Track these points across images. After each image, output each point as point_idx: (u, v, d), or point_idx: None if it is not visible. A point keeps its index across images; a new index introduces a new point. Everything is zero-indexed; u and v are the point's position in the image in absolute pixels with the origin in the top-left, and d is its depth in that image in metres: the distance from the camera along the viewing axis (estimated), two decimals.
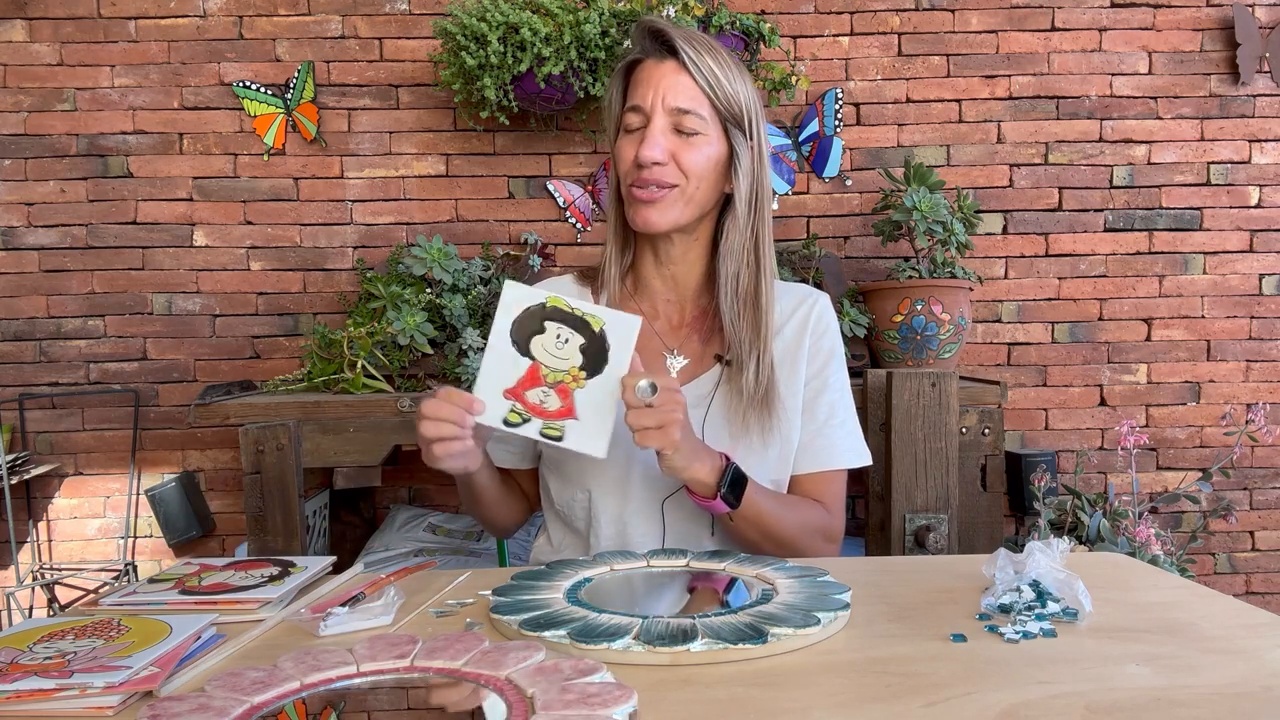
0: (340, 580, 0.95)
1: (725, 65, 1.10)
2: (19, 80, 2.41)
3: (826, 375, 1.20)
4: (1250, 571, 2.57)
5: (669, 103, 1.08)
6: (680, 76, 1.08)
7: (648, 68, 1.10)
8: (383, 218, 2.47)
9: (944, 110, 2.51)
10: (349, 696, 0.63)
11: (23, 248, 2.43)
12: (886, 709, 0.61)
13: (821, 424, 1.19)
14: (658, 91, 1.08)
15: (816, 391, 1.20)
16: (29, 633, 0.74)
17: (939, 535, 1.82)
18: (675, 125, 1.09)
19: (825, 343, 1.22)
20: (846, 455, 1.19)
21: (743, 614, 0.76)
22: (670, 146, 1.08)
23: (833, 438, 1.19)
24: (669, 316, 1.22)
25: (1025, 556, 0.86)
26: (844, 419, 1.20)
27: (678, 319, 1.22)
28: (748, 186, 1.13)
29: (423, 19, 2.44)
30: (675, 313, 1.22)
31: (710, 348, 1.19)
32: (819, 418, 1.19)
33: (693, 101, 1.08)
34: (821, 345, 1.21)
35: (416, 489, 2.53)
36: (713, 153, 1.11)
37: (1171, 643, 0.74)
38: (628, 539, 1.15)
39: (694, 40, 1.09)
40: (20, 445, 2.44)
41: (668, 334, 1.21)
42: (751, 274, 1.15)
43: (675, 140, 1.09)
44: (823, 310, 1.23)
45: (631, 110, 1.11)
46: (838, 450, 1.19)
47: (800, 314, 1.21)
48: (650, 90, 1.09)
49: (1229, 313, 2.54)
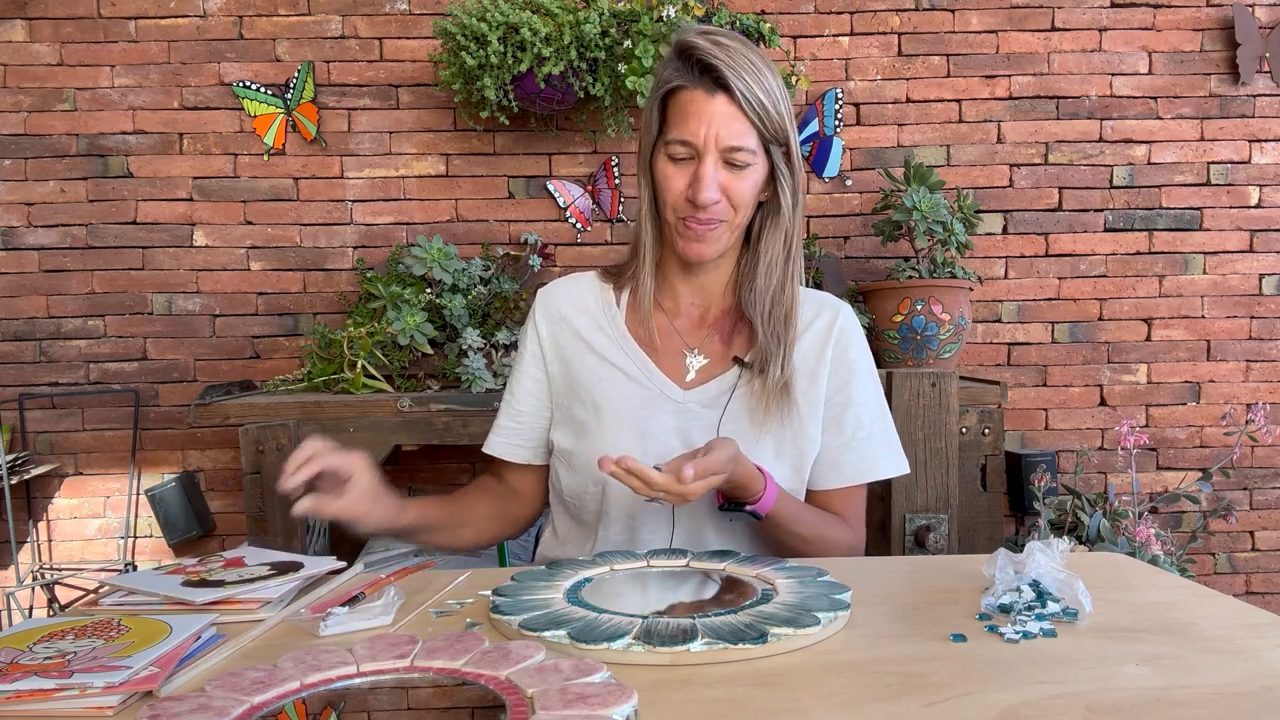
0: (340, 580, 0.95)
1: (768, 85, 1.07)
2: (19, 80, 2.41)
3: (851, 389, 1.19)
4: (1250, 571, 2.57)
5: (722, 142, 1.06)
6: (732, 114, 1.05)
7: (696, 100, 1.06)
8: (383, 218, 2.47)
9: (944, 110, 2.51)
10: (349, 696, 0.63)
11: (23, 248, 2.43)
12: (886, 709, 0.61)
13: (849, 438, 1.18)
14: (710, 129, 1.05)
15: (841, 406, 1.18)
16: (29, 633, 0.74)
17: (939, 535, 1.82)
18: (726, 160, 1.07)
19: (850, 356, 1.20)
20: (878, 467, 1.19)
21: (743, 614, 0.76)
22: (722, 181, 1.08)
23: (861, 451, 1.18)
24: (691, 315, 1.22)
25: (1025, 556, 0.86)
26: (871, 432, 1.19)
27: (700, 318, 1.22)
28: (788, 198, 1.13)
29: (423, 19, 2.44)
30: (698, 312, 1.22)
31: (731, 349, 1.19)
32: (846, 432, 1.18)
33: (744, 138, 1.07)
34: (846, 359, 1.20)
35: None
36: (758, 178, 1.10)
37: (1171, 643, 0.74)
38: (636, 536, 1.15)
39: (740, 68, 1.05)
40: (20, 445, 2.44)
41: (689, 332, 1.21)
42: (784, 280, 1.15)
43: (725, 174, 1.08)
44: (845, 322, 1.22)
45: (679, 143, 1.08)
46: (868, 465, 1.18)
47: (821, 324, 1.20)
48: (702, 127, 1.06)
49: (1229, 313, 2.54)
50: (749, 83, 1.05)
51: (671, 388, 1.17)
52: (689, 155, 1.08)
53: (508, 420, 1.26)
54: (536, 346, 1.24)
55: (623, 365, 1.19)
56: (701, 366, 1.18)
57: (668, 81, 1.08)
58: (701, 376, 1.17)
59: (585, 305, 1.24)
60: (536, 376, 1.25)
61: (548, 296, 1.26)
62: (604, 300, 1.24)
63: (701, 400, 1.16)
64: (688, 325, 1.21)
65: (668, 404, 1.16)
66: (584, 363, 1.20)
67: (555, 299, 1.25)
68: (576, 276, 1.29)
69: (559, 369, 1.22)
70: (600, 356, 1.20)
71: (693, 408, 1.16)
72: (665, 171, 1.10)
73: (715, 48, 1.05)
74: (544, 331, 1.24)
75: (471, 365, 2.03)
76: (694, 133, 1.06)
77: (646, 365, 1.18)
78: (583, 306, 1.24)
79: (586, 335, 1.21)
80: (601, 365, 1.19)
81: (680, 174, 1.09)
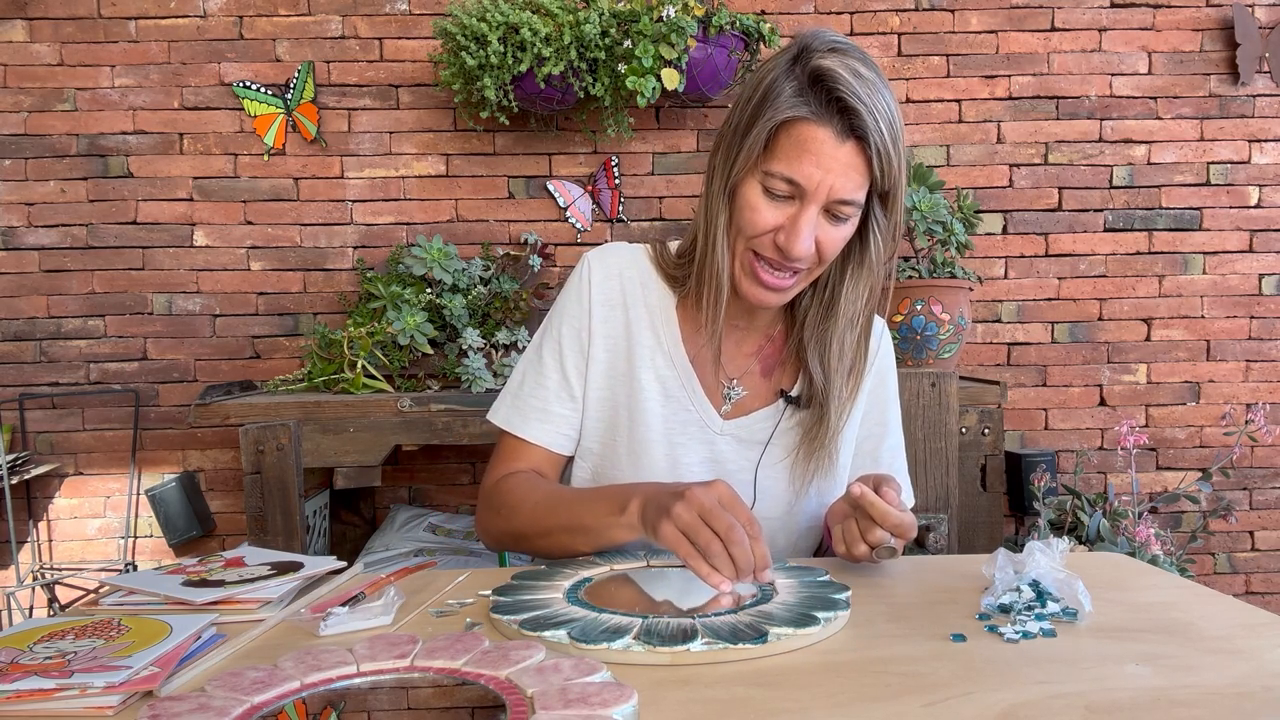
0: (340, 580, 0.95)
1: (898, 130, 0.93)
2: (19, 80, 2.41)
3: (888, 420, 1.13)
4: (1250, 571, 2.57)
5: (835, 194, 0.92)
6: (856, 166, 0.92)
7: (820, 141, 0.90)
8: (383, 218, 2.47)
9: (944, 110, 2.51)
10: (349, 696, 0.63)
11: (23, 248, 2.43)
12: (886, 709, 0.61)
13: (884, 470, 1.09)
14: (826, 178, 0.91)
15: (879, 438, 1.12)
16: (29, 633, 0.74)
17: (939, 535, 1.82)
18: (829, 211, 0.94)
19: (888, 383, 1.13)
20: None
21: (743, 614, 0.76)
22: (817, 234, 0.94)
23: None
24: (732, 343, 1.09)
25: (1025, 556, 0.86)
26: (901, 465, 1.14)
27: (741, 346, 1.10)
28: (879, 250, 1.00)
29: (423, 19, 2.44)
30: (740, 339, 1.10)
31: (772, 382, 1.09)
32: (882, 465, 1.11)
33: (858, 191, 0.93)
34: (886, 387, 1.13)
35: (416, 489, 2.53)
36: (851, 229, 0.97)
37: (1171, 643, 0.73)
38: None
39: (878, 111, 0.90)
40: (20, 445, 2.44)
41: (729, 362, 1.09)
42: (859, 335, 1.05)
43: (822, 224, 0.95)
44: (886, 346, 1.14)
45: (785, 180, 0.93)
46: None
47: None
48: (818, 173, 0.91)
49: (1229, 313, 2.54)
50: (884, 133, 0.91)
51: (712, 415, 1.07)
52: (790, 195, 0.94)
53: (558, 405, 1.08)
54: (585, 322, 1.08)
55: (666, 380, 1.06)
56: (740, 399, 1.08)
57: (790, 107, 0.91)
58: (739, 409, 1.08)
59: (644, 295, 1.09)
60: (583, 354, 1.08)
61: (606, 270, 1.09)
62: (662, 295, 1.09)
63: (738, 434, 1.07)
64: (728, 353, 1.09)
65: (705, 433, 1.07)
66: (629, 361, 1.07)
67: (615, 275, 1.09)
68: (633, 251, 1.12)
69: (603, 355, 1.08)
70: (646, 362, 1.07)
71: (729, 441, 1.07)
72: (754, 203, 0.95)
73: (856, 82, 0.89)
74: (597, 311, 1.08)
75: (471, 365, 2.03)
76: (807, 176, 0.91)
77: (693, 385, 1.07)
78: (642, 296, 1.09)
79: (637, 331, 1.07)
80: (645, 372, 1.06)
81: (774, 212, 0.94)
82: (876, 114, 0.90)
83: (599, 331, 1.07)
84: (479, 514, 1.13)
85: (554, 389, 1.08)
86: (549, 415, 1.08)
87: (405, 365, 2.12)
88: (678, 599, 0.83)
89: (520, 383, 1.11)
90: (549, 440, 1.08)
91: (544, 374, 1.09)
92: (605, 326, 1.07)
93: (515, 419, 1.09)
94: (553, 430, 1.08)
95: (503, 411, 1.11)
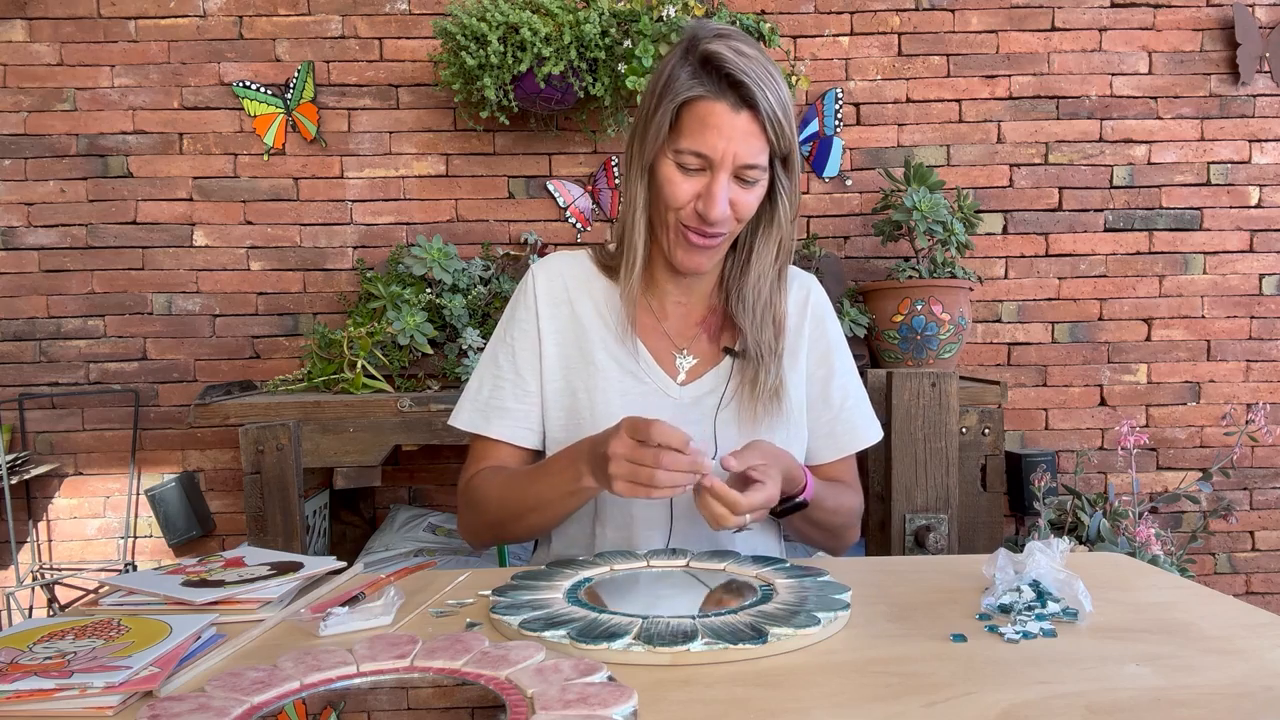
0: (340, 580, 0.95)
1: (784, 98, 1.04)
2: (19, 80, 2.41)
3: (832, 362, 1.22)
4: (1250, 571, 2.57)
5: (739, 160, 1.03)
6: (753, 132, 1.03)
7: (717, 113, 1.02)
8: (383, 218, 2.47)
9: (944, 110, 2.51)
10: (349, 696, 0.63)
11: (23, 248, 2.43)
12: (886, 709, 0.61)
13: (838, 410, 1.21)
14: (729, 146, 1.02)
15: (825, 380, 1.22)
16: (29, 633, 0.74)
17: (939, 535, 1.82)
18: (737, 176, 1.05)
19: (827, 329, 1.23)
20: (866, 434, 1.22)
21: (743, 614, 0.76)
22: (731, 197, 1.06)
23: (852, 421, 1.21)
24: (677, 316, 1.20)
25: (1025, 556, 0.86)
26: (857, 400, 1.23)
27: (687, 319, 1.21)
28: (786, 209, 1.12)
29: (423, 19, 2.44)
30: (685, 313, 1.21)
31: (719, 345, 1.19)
32: (834, 404, 1.21)
33: (760, 155, 1.04)
34: (824, 332, 1.23)
35: (416, 489, 2.53)
36: (763, 191, 1.09)
37: (1171, 643, 0.74)
38: (633, 534, 1.13)
39: (764, 83, 1.02)
40: (20, 445, 2.44)
41: (677, 334, 1.19)
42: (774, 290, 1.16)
43: (734, 189, 1.06)
44: (818, 297, 1.25)
45: (694, 154, 1.04)
46: (859, 433, 1.22)
47: (795, 301, 1.22)
48: (721, 143, 1.02)
49: (1229, 313, 2.54)
50: (771, 101, 1.02)
51: (669, 384, 1.16)
52: (701, 167, 1.05)
53: (515, 401, 1.17)
54: (533, 324, 1.18)
55: (620, 358, 1.16)
56: (691, 366, 1.18)
57: (687, 89, 1.03)
58: (692, 375, 1.17)
59: (588, 288, 1.19)
60: (535, 352, 1.18)
61: (549, 273, 1.20)
62: (605, 287, 1.19)
63: (697, 395, 1.16)
64: (676, 327, 1.20)
65: (665, 400, 1.15)
66: (580, 349, 1.16)
67: (557, 276, 1.20)
68: (574, 256, 1.23)
69: (554, 350, 1.17)
70: (598, 345, 1.16)
71: (688, 403, 1.15)
72: (672, 178, 1.06)
73: (741, 59, 1.01)
74: (544, 311, 1.18)
75: (471, 365, 2.03)
76: (712, 148, 1.03)
77: (646, 359, 1.16)
78: (585, 290, 1.19)
79: (585, 320, 1.18)
80: (599, 354, 1.16)
81: (689, 184, 1.06)
82: (764, 85, 1.01)
83: (548, 328, 1.17)
84: (459, 516, 1.23)
85: (509, 387, 1.17)
86: (507, 412, 1.17)
87: (405, 365, 2.12)
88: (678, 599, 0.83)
89: (478, 387, 1.20)
90: (511, 435, 1.16)
91: (500, 375, 1.18)
92: (553, 322, 1.18)
93: (478, 420, 1.18)
94: (513, 425, 1.17)
95: (464, 415, 1.19)
